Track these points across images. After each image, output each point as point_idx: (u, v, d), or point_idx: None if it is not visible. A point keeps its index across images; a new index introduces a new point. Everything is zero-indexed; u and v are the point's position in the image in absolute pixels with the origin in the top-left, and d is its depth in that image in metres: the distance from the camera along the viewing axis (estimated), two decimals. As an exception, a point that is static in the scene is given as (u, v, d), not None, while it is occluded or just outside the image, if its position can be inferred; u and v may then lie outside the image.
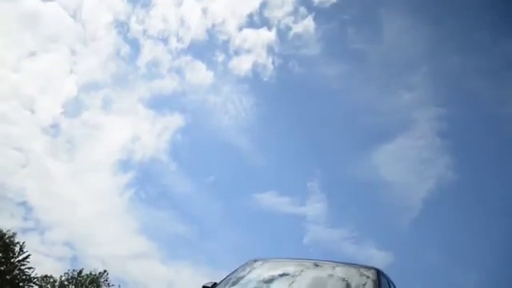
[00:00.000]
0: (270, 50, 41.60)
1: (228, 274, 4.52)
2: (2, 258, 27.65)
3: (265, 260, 4.66)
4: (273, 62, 40.26)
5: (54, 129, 50.92)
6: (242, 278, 4.34)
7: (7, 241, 28.34)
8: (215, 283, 4.37)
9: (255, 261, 4.65)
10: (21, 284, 28.75)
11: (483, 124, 34.71)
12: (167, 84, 42.95)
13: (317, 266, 4.38)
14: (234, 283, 4.27)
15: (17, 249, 28.49)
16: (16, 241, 28.71)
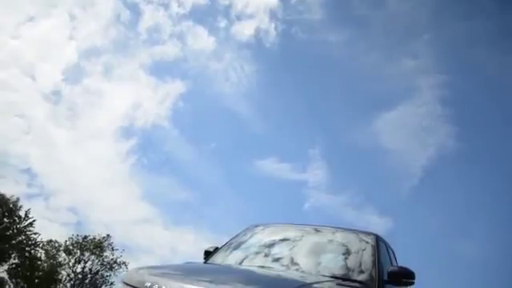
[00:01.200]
0: (272, 15, 40.85)
1: (229, 239, 4.61)
2: (7, 223, 28.15)
3: (266, 225, 4.74)
4: (275, 28, 39.63)
5: (55, 96, 50.67)
6: (243, 242, 4.43)
7: (11, 206, 28.78)
8: (217, 248, 4.46)
9: (256, 226, 4.74)
10: (27, 249, 29.39)
11: (486, 92, 34.44)
12: (168, 50, 42.43)
13: (317, 231, 4.45)
14: (235, 248, 4.36)
15: (21, 214, 28.99)
16: (19, 205, 29.21)
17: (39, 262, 30.77)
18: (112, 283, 30.43)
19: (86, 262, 32.50)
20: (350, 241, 4.22)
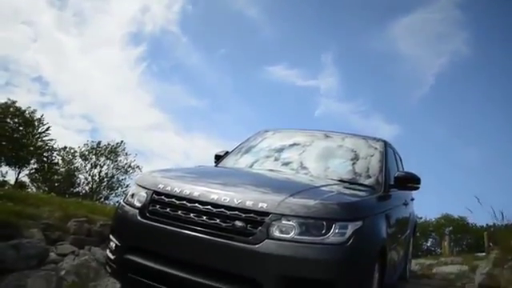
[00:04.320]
0: None
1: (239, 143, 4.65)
2: (24, 131, 28.85)
3: (276, 130, 4.75)
4: None
5: (60, 1, 48.66)
6: (253, 147, 4.47)
7: (28, 116, 29.27)
8: (227, 152, 4.52)
9: (266, 131, 4.75)
10: (45, 154, 30.46)
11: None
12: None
13: (327, 136, 4.46)
14: (245, 152, 4.41)
15: (36, 123, 29.56)
16: (35, 117, 29.71)
17: (57, 167, 32.08)
18: (127, 186, 31.84)
19: (101, 167, 33.82)
20: (358, 146, 4.24)
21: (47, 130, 29.80)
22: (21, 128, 28.69)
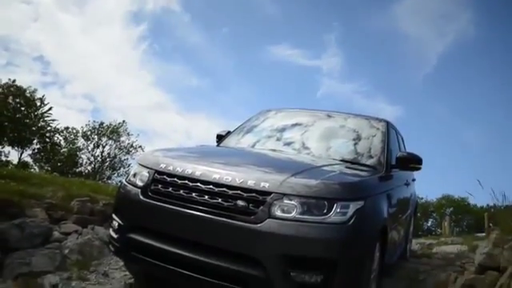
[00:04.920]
0: None
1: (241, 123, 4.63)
2: (25, 111, 28.84)
3: (278, 110, 4.73)
4: None
5: (58, -22, 48.00)
6: (255, 126, 4.46)
7: (28, 96, 29.22)
8: (229, 131, 4.51)
9: (268, 110, 4.73)
10: (47, 134, 30.52)
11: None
12: None
13: (329, 117, 4.44)
14: (247, 131, 4.40)
15: (39, 103, 29.53)
16: (37, 97, 29.66)
17: (59, 147, 32.19)
18: (129, 165, 31.99)
19: (103, 147, 33.96)
20: (361, 127, 4.23)
21: (49, 110, 29.80)
22: (22, 108, 28.67)
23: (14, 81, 28.70)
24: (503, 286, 2.76)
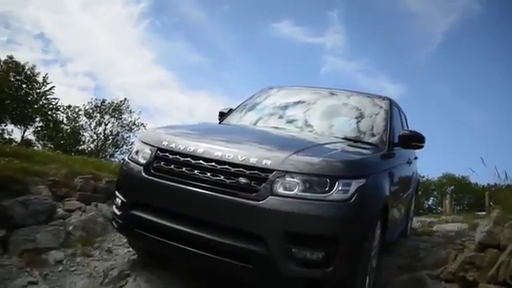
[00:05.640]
0: None
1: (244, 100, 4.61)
2: (27, 89, 28.77)
3: (281, 87, 4.69)
4: None
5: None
6: (257, 104, 4.44)
7: (28, 72, 29.09)
8: (231, 109, 4.50)
9: (271, 88, 4.70)
10: (49, 112, 30.53)
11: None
12: None
13: (332, 94, 4.41)
14: (249, 109, 4.38)
15: (39, 79, 29.42)
16: (36, 71, 29.51)
17: (62, 125, 32.24)
18: (132, 143, 32.07)
19: (106, 125, 34.01)
20: (364, 105, 4.21)
21: (51, 89, 29.71)
22: (24, 85, 28.58)
23: (11, 57, 28.53)
24: (503, 264, 2.79)
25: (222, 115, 4.45)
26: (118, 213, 3.02)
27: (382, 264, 3.85)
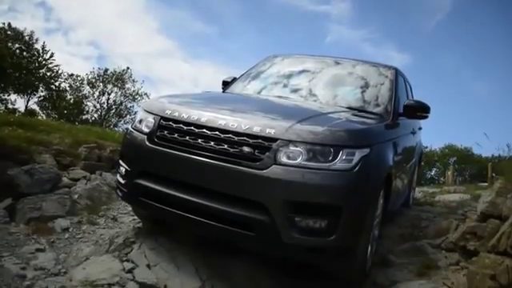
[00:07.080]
0: None
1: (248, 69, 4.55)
2: (28, 57, 28.50)
3: (285, 56, 4.62)
4: None
5: None
6: (261, 72, 4.38)
7: (27, 39, 28.75)
8: (235, 78, 4.44)
9: (275, 56, 4.63)
10: (52, 81, 30.38)
11: None
12: None
13: (337, 63, 4.34)
14: (253, 78, 4.33)
15: (38, 46, 29.10)
16: (36, 38, 29.16)
17: (65, 95, 32.15)
18: (136, 113, 32.00)
19: (109, 94, 33.88)
20: (369, 74, 4.15)
21: (51, 57, 29.41)
22: (25, 54, 28.31)
23: (9, 24, 28.13)
24: (504, 234, 2.80)
25: (226, 84, 4.40)
26: (123, 181, 3.04)
27: (384, 233, 3.89)
